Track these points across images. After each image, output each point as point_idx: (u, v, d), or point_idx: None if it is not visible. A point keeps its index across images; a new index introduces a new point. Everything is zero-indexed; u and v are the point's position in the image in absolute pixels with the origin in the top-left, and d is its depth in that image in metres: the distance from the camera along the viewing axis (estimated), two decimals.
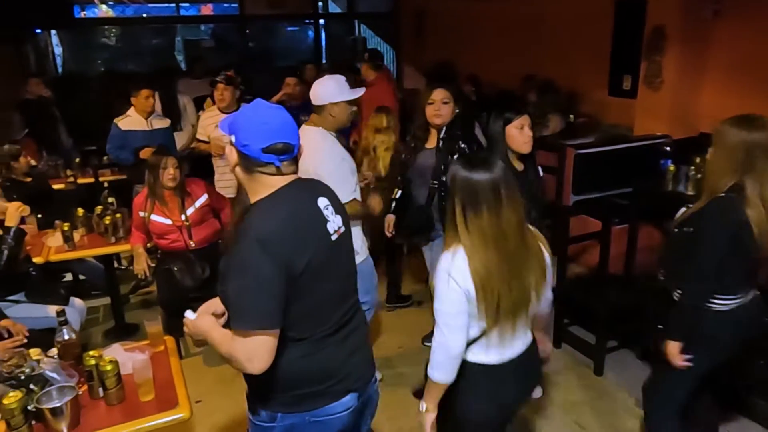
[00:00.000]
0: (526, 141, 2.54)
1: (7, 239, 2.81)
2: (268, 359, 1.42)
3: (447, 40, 7.36)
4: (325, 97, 2.69)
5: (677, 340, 2.11)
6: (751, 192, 1.95)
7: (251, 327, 1.39)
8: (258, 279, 1.38)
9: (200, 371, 3.44)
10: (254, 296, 1.39)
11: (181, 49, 10.26)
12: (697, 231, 2.05)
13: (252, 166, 1.48)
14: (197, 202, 3.38)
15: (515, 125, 2.53)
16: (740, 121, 2.00)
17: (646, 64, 4.53)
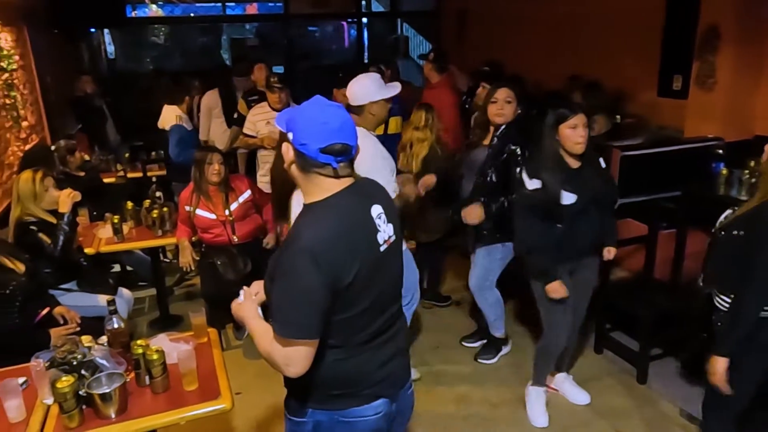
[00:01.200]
0: (578, 141, 2.49)
1: (62, 225, 2.96)
2: (306, 365, 1.43)
3: (490, 39, 7.27)
4: (364, 97, 2.72)
5: (725, 356, 2.01)
6: None
7: (292, 336, 1.39)
8: (304, 290, 1.37)
9: (240, 364, 3.51)
10: (298, 306, 1.38)
11: (227, 47, 10.47)
12: (752, 235, 1.96)
13: (308, 166, 1.45)
14: (241, 198, 3.45)
15: (569, 124, 2.49)
16: None
17: (698, 64, 4.38)
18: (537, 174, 2.55)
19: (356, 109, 2.73)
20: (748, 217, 2.00)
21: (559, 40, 6.08)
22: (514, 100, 3.02)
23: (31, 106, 5.20)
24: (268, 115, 4.14)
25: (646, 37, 5.09)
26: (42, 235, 2.98)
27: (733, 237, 2.03)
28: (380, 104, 2.73)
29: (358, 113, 2.73)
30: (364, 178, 1.60)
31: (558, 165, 2.54)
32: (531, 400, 2.99)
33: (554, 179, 2.52)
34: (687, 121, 4.53)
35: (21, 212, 3.01)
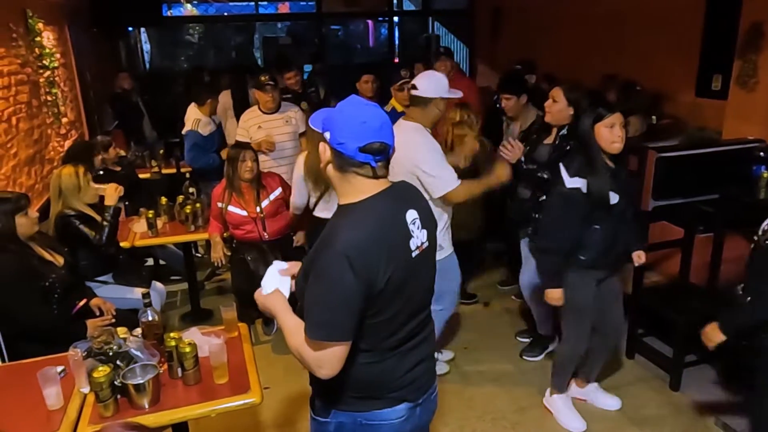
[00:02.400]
0: (615, 140, 2.44)
1: (107, 217, 3.06)
2: (338, 367, 1.43)
3: (524, 38, 7.19)
4: (436, 91, 2.74)
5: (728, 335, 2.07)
6: None
7: (325, 339, 1.39)
8: (338, 293, 1.37)
9: (269, 359, 3.55)
10: (332, 309, 1.38)
11: (259, 46, 10.60)
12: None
13: (346, 165, 1.44)
14: (272, 195, 3.48)
15: (606, 123, 2.44)
16: None
17: (739, 63, 4.25)
18: (578, 173, 2.50)
19: (423, 101, 2.75)
20: None
21: (594, 39, 5.97)
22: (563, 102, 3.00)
23: (71, 103, 5.35)
24: (259, 119, 4.09)
25: (684, 35, 4.96)
26: (84, 228, 3.08)
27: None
28: (445, 102, 2.80)
29: (423, 105, 2.75)
30: (401, 182, 1.59)
31: (603, 165, 2.50)
32: (559, 408, 2.95)
33: (603, 179, 2.46)
34: (726, 122, 4.40)
35: (63, 206, 3.10)
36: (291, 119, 4.18)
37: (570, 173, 2.52)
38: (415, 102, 2.79)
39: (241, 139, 4.06)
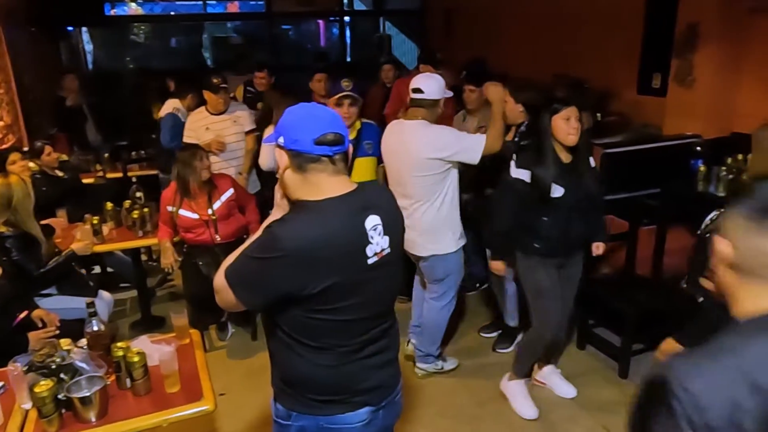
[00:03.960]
0: (570, 132, 2.53)
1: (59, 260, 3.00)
2: (228, 308, 1.52)
3: (476, 38, 7.31)
4: (440, 92, 2.87)
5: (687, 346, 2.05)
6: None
7: (231, 288, 1.44)
8: (261, 272, 1.40)
9: (226, 365, 3.49)
10: (249, 278, 1.43)
11: (209, 46, 10.39)
12: None
13: (304, 163, 1.43)
14: (223, 197, 3.42)
15: (562, 116, 2.54)
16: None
17: (677, 62, 4.44)
18: (525, 165, 2.61)
19: (429, 103, 2.85)
20: None
21: (544, 39, 6.13)
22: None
23: (8, 106, 5.10)
24: (207, 121, 4.03)
25: (627, 36, 5.15)
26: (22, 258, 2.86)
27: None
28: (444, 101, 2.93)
29: (430, 107, 2.85)
30: (368, 184, 1.59)
31: (551, 158, 2.58)
32: (514, 394, 3.01)
33: (546, 172, 2.57)
34: (666, 118, 4.60)
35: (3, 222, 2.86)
36: (238, 119, 4.12)
37: (516, 164, 2.64)
38: (420, 104, 2.87)
39: (190, 140, 3.97)
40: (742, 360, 0.88)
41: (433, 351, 3.27)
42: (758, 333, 0.92)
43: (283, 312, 1.46)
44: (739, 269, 0.98)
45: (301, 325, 1.47)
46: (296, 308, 1.44)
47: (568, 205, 2.61)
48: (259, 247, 1.42)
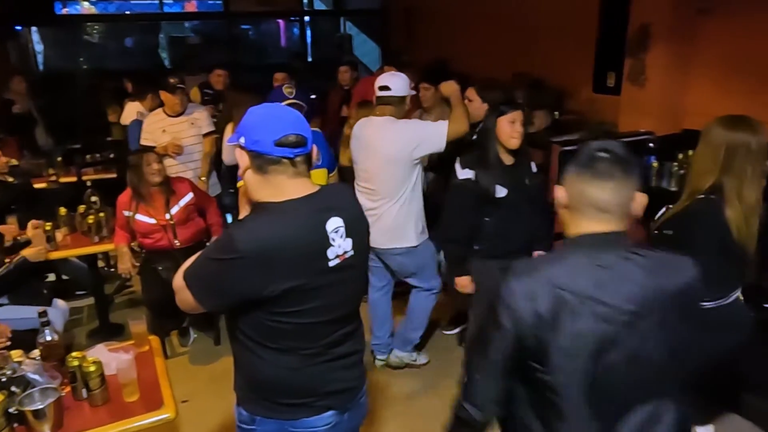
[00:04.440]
0: (514, 136, 2.57)
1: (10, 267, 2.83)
2: (186, 309, 1.50)
3: (437, 38, 7.36)
4: (406, 89, 2.93)
5: None
6: (729, 192, 1.95)
7: (189, 289, 1.43)
8: (217, 274, 1.40)
9: (188, 371, 3.42)
10: (206, 280, 1.43)
11: (166, 46, 10.17)
12: (679, 234, 2.02)
13: (265, 164, 1.41)
14: (182, 201, 3.35)
15: (507, 118, 2.57)
16: (725, 121, 2.00)
17: (630, 62, 4.56)
18: (470, 165, 2.64)
19: (397, 100, 2.90)
20: (677, 217, 2.07)
21: (503, 39, 6.22)
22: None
23: None
24: (164, 123, 3.95)
25: (582, 36, 5.27)
26: None
27: (664, 236, 2.09)
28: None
29: (397, 104, 2.91)
30: (330, 186, 1.59)
31: (494, 159, 2.62)
32: None
33: (488, 172, 2.60)
34: (621, 116, 4.72)
35: None
36: (196, 121, 4.05)
37: (462, 165, 2.66)
38: (387, 101, 2.91)
39: (147, 143, 3.88)
40: (552, 270, 1.26)
41: (416, 338, 3.31)
42: (573, 249, 1.31)
43: (246, 315, 1.45)
44: (568, 207, 1.33)
45: (263, 328, 1.45)
46: (258, 311, 1.42)
47: (510, 205, 2.64)
48: (217, 249, 1.42)
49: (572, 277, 1.23)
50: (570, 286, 1.22)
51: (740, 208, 1.94)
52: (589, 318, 1.20)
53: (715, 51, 4.28)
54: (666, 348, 1.24)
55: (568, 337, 1.21)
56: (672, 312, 1.23)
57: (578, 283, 1.22)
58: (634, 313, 1.20)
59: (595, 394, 1.22)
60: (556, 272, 1.25)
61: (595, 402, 1.23)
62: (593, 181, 1.27)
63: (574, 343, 1.21)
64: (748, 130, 1.96)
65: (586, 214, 1.29)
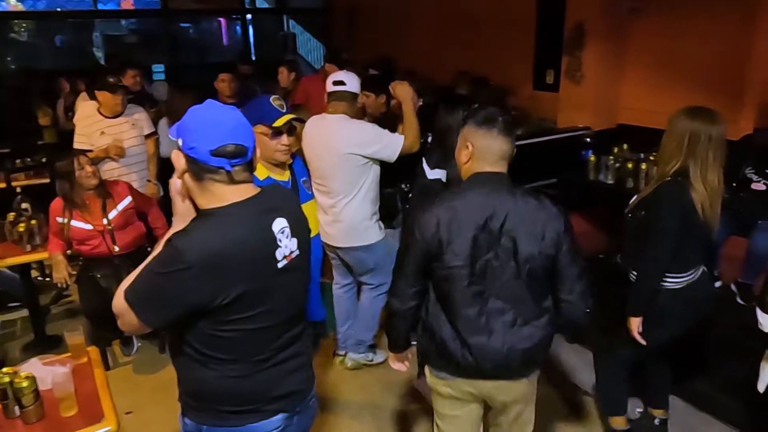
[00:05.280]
0: None
1: None
2: (132, 331, 1.44)
3: (381, 36, 7.39)
4: (359, 86, 2.95)
5: (638, 315, 2.27)
6: (694, 175, 2.13)
7: (133, 309, 1.35)
8: (165, 288, 1.32)
9: (133, 381, 3.31)
10: (152, 296, 1.35)
11: (100, 44, 9.77)
12: (650, 214, 2.19)
13: (201, 172, 1.36)
14: (120, 205, 3.22)
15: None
16: (689, 112, 2.17)
17: (567, 59, 4.72)
18: (438, 165, 2.68)
19: (351, 96, 2.90)
20: (647, 199, 2.23)
21: (446, 38, 6.31)
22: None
23: None
24: (102, 124, 3.77)
25: (522, 34, 5.41)
26: None
27: (638, 218, 2.25)
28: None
29: (351, 100, 2.91)
30: (271, 188, 1.55)
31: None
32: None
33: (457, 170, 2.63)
34: (560, 112, 4.88)
35: None
36: (137, 122, 3.91)
37: (430, 165, 2.71)
38: (341, 96, 2.89)
39: (81, 147, 3.69)
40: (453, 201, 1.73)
41: (368, 338, 3.32)
42: (472, 185, 1.76)
43: (191, 327, 1.40)
44: (475, 156, 1.75)
45: (210, 338, 1.41)
46: (205, 321, 1.38)
47: None
48: (162, 262, 1.34)
49: (465, 204, 1.71)
50: (461, 209, 1.70)
51: (704, 190, 2.13)
52: (470, 230, 1.68)
53: (646, 48, 4.48)
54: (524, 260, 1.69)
55: (455, 243, 1.68)
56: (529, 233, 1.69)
57: (468, 207, 1.69)
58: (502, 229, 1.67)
59: (475, 282, 1.71)
60: (455, 203, 1.72)
61: (475, 289, 1.72)
62: (499, 136, 1.72)
63: (459, 247, 1.68)
64: (708, 120, 2.14)
65: (489, 160, 1.74)
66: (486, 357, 1.74)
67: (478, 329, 1.73)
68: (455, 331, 1.76)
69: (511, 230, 1.67)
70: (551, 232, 1.69)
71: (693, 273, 2.27)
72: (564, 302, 1.76)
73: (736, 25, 3.86)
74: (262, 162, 2.10)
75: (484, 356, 1.74)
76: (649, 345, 2.31)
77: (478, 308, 1.72)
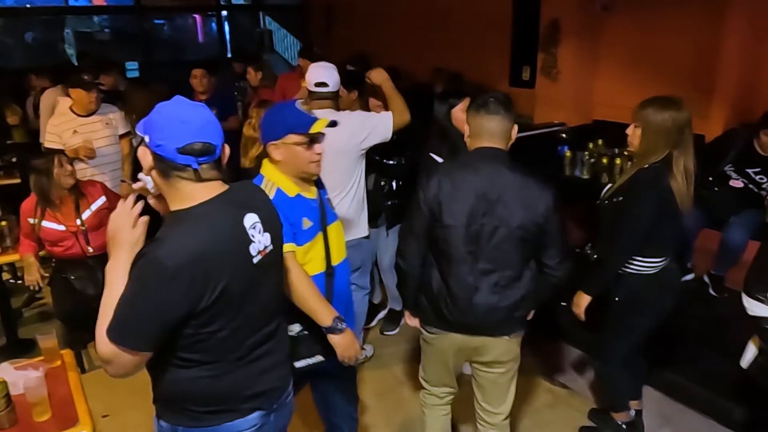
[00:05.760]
0: None
1: None
2: (130, 373, 1.35)
3: (357, 33, 7.36)
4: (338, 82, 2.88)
5: (591, 295, 2.34)
6: (676, 164, 2.16)
7: (126, 345, 1.30)
8: (153, 304, 1.28)
9: (109, 384, 3.16)
10: (142, 318, 1.29)
11: (72, 42, 9.57)
12: (628, 200, 2.21)
13: (168, 169, 1.35)
14: (94, 205, 3.16)
15: (460, 108, 2.64)
16: (665, 104, 2.17)
17: (542, 56, 4.77)
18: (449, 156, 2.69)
19: (334, 95, 2.85)
20: (625, 185, 2.26)
21: (423, 34, 6.31)
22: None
23: None
24: (75, 123, 3.70)
25: (498, 31, 5.44)
26: None
27: (614, 204, 2.27)
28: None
29: (334, 98, 2.86)
30: (240, 184, 1.53)
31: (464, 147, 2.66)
32: None
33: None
34: (536, 109, 4.92)
35: None
36: (111, 121, 3.84)
37: (443, 157, 2.71)
38: (325, 97, 2.83)
39: (52, 145, 3.62)
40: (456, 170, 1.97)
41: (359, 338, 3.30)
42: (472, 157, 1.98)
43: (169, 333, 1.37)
44: (472, 134, 1.98)
45: (189, 341, 1.38)
46: (186, 326, 1.35)
47: None
48: (140, 279, 1.30)
49: (464, 173, 1.92)
50: (458, 177, 1.92)
51: (683, 175, 2.17)
52: (468, 196, 1.88)
53: (619, 45, 4.55)
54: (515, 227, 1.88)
55: (453, 206, 1.89)
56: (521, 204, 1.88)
57: (466, 176, 1.91)
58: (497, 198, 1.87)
59: (467, 243, 1.91)
60: (455, 172, 1.94)
61: (467, 250, 1.92)
62: (487, 116, 1.92)
63: (457, 209, 1.89)
64: (684, 107, 2.17)
65: (483, 137, 1.94)
66: (471, 312, 1.96)
67: (467, 287, 1.94)
68: (447, 288, 1.98)
69: (505, 200, 1.87)
70: (542, 204, 1.88)
71: (666, 259, 2.31)
72: (547, 267, 1.98)
73: (706, 22, 3.94)
74: (289, 177, 1.92)
75: (469, 311, 1.96)
76: (634, 333, 2.36)
77: (468, 267, 1.93)
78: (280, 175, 1.91)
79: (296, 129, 1.84)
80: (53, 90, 4.80)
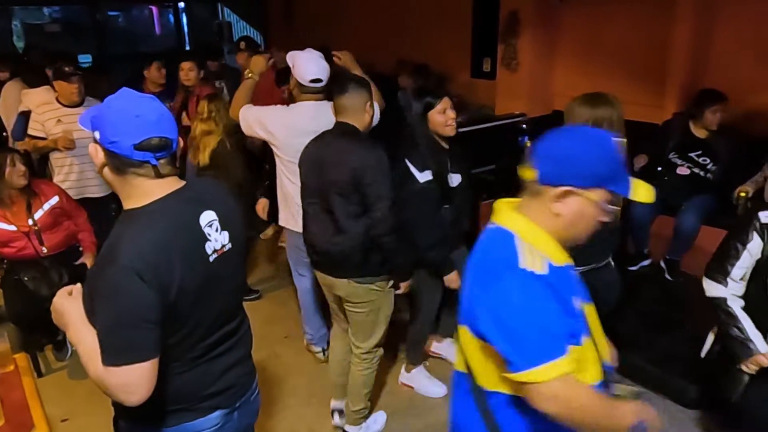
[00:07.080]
0: (449, 123, 2.56)
1: None
2: (150, 388, 1.29)
3: (318, 24, 7.29)
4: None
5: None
6: None
7: (129, 361, 1.25)
8: (133, 310, 1.25)
9: (67, 387, 3.16)
10: (130, 328, 1.25)
11: (21, 34, 9.19)
12: None
13: (124, 166, 1.30)
14: (46, 205, 3.06)
15: (438, 109, 2.53)
16: (586, 99, 2.20)
17: (502, 47, 4.81)
18: (424, 165, 2.54)
19: (325, 88, 2.74)
20: None
21: (386, 26, 6.29)
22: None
23: None
24: (58, 113, 3.61)
25: (459, 22, 5.47)
26: None
27: None
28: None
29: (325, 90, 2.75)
30: (198, 181, 1.50)
31: (437, 150, 2.60)
32: (419, 380, 3.05)
33: (441, 164, 2.57)
34: (497, 99, 4.97)
35: None
36: None
37: (419, 168, 2.55)
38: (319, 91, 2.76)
39: (36, 134, 3.57)
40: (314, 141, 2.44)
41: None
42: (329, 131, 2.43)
43: None
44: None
45: None
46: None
47: (462, 188, 2.68)
48: (108, 290, 1.26)
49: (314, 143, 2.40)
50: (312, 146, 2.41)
51: None
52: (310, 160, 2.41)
53: (576, 36, 4.63)
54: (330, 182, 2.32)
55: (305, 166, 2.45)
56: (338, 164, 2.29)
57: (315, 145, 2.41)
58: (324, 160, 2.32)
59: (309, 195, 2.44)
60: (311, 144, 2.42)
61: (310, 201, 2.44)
62: (338, 93, 2.35)
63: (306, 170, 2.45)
64: (608, 105, 2.18)
65: (339, 112, 2.37)
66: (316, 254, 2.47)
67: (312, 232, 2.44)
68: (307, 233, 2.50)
69: (330, 162, 2.27)
70: (356, 163, 2.22)
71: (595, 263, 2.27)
72: (370, 219, 2.26)
73: (656, 12, 4.03)
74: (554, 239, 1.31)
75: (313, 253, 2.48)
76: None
77: (311, 213, 2.42)
78: (543, 235, 1.29)
79: (611, 185, 1.26)
80: (13, 83, 4.66)
